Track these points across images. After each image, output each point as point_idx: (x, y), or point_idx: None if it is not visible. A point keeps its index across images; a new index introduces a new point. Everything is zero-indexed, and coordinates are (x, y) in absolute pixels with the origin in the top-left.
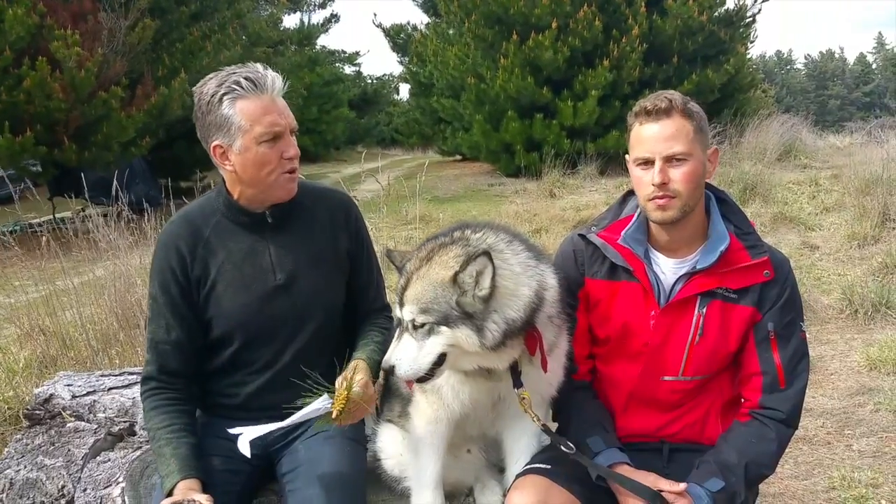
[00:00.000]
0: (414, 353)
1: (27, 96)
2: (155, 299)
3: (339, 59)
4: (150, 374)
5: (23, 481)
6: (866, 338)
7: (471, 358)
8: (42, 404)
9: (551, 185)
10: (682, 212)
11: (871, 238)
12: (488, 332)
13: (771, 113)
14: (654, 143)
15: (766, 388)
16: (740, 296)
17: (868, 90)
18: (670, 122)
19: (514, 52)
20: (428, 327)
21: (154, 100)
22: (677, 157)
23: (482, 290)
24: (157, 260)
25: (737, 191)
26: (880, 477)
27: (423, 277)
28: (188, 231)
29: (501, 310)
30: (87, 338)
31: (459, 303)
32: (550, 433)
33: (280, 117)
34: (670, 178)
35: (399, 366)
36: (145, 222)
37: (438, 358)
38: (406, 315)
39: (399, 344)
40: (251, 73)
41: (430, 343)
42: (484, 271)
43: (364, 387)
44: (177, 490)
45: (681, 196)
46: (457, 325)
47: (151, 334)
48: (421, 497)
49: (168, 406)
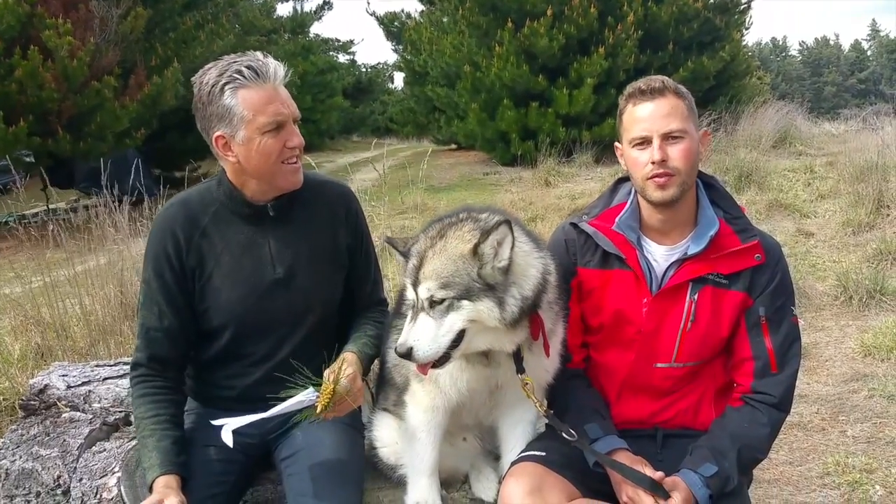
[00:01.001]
0: (433, 332)
1: (19, 86)
2: (148, 284)
3: (333, 47)
4: (140, 361)
5: (18, 471)
6: (861, 324)
7: (486, 336)
8: (37, 395)
9: (546, 174)
10: (681, 190)
11: (866, 225)
12: (508, 306)
13: (766, 100)
14: (652, 122)
15: (758, 373)
16: (731, 281)
17: (863, 77)
18: (665, 100)
19: (509, 40)
20: (447, 303)
21: (147, 90)
22: (674, 135)
23: (501, 260)
24: (152, 244)
25: (732, 178)
26: (874, 462)
27: (440, 253)
28: (185, 217)
29: (518, 284)
30: (85, 328)
31: (481, 275)
32: (553, 419)
33: (283, 106)
34: (669, 155)
35: (417, 347)
36: (139, 213)
37: (457, 336)
38: (423, 293)
39: (414, 325)
40: (253, 62)
41: (450, 320)
42: (504, 241)
43: (352, 380)
44: (156, 485)
45: (680, 173)
46: (479, 297)
47: (143, 320)
48: (417, 485)
49: (156, 395)
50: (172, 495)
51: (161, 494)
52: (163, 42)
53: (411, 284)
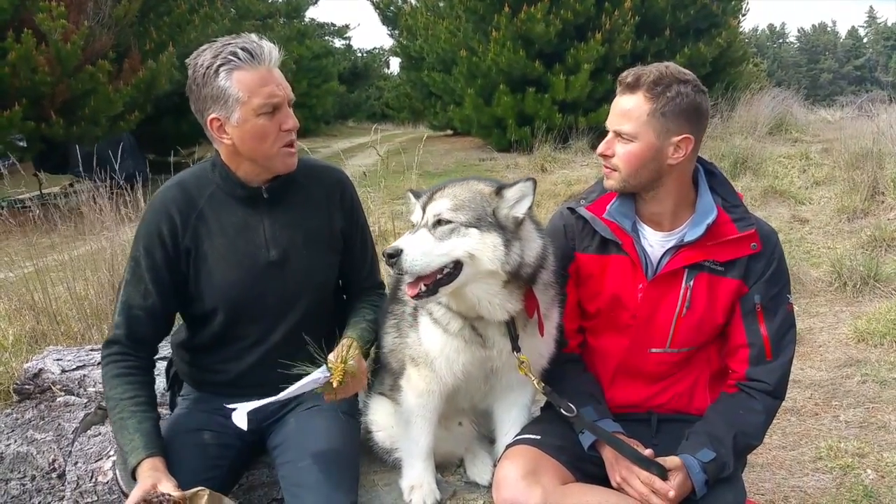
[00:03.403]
0: (429, 247)
1: (12, 70)
2: (137, 262)
3: (329, 32)
4: (117, 339)
5: (13, 455)
6: (854, 310)
7: (479, 287)
8: (31, 379)
9: (543, 160)
10: (621, 185)
11: (861, 211)
12: (512, 254)
13: (762, 87)
14: (612, 115)
15: (753, 360)
16: (727, 268)
17: (859, 64)
18: (631, 98)
19: (506, 25)
20: (453, 227)
21: (141, 74)
22: (623, 136)
23: (518, 212)
24: (146, 223)
25: (728, 164)
26: (866, 447)
27: (460, 185)
28: (183, 198)
29: (525, 245)
30: (79, 313)
31: (496, 213)
32: (551, 394)
33: (278, 88)
34: (614, 152)
35: (407, 253)
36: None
37: (453, 267)
38: (432, 210)
39: (412, 236)
40: (247, 44)
41: (451, 243)
42: (526, 197)
43: (357, 361)
44: (141, 468)
45: (620, 171)
46: (489, 230)
47: (126, 297)
48: (412, 468)
49: (132, 376)
50: (164, 479)
51: (153, 478)
52: (157, 26)
53: (421, 206)
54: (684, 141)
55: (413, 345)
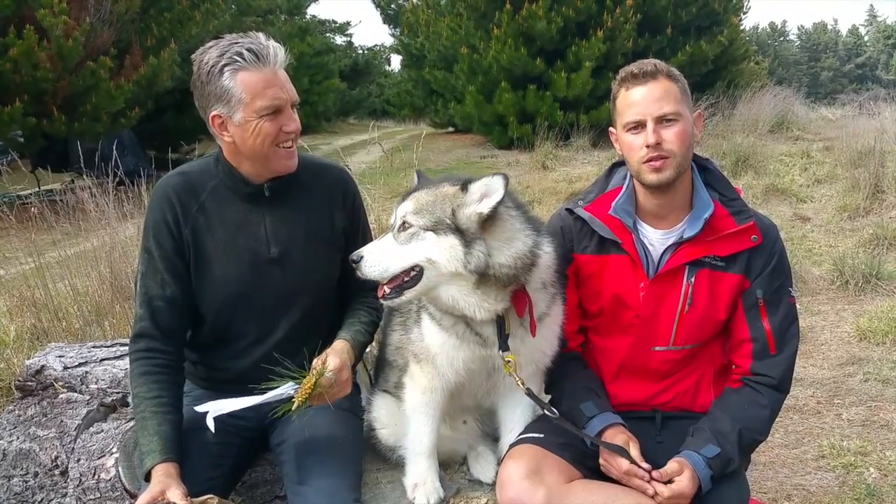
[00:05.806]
0: (387, 253)
1: (14, 66)
2: (150, 253)
3: (330, 29)
4: (144, 331)
5: (16, 452)
6: (856, 308)
7: (450, 289)
8: (34, 375)
9: (544, 157)
10: (676, 172)
11: (863, 210)
12: (473, 256)
13: (764, 85)
14: (645, 105)
15: (757, 355)
16: (728, 264)
17: (860, 62)
18: (657, 84)
19: (508, 23)
20: (413, 231)
21: (143, 70)
22: (668, 118)
23: (483, 208)
24: (153, 212)
25: (729, 163)
26: (868, 445)
27: (430, 187)
28: (185, 188)
29: (495, 246)
30: (81, 309)
31: (456, 214)
32: (534, 397)
33: (281, 91)
34: (663, 138)
35: (366, 259)
36: (136, 193)
37: (414, 273)
38: (399, 213)
39: (377, 241)
40: (254, 45)
41: (409, 249)
42: (494, 191)
43: (337, 371)
44: (155, 472)
45: (675, 156)
46: (445, 233)
47: (145, 289)
48: (416, 466)
49: (158, 374)
50: (174, 486)
51: (163, 484)
52: (158, 22)
53: (395, 208)
54: (698, 118)
55: (416, 341)
